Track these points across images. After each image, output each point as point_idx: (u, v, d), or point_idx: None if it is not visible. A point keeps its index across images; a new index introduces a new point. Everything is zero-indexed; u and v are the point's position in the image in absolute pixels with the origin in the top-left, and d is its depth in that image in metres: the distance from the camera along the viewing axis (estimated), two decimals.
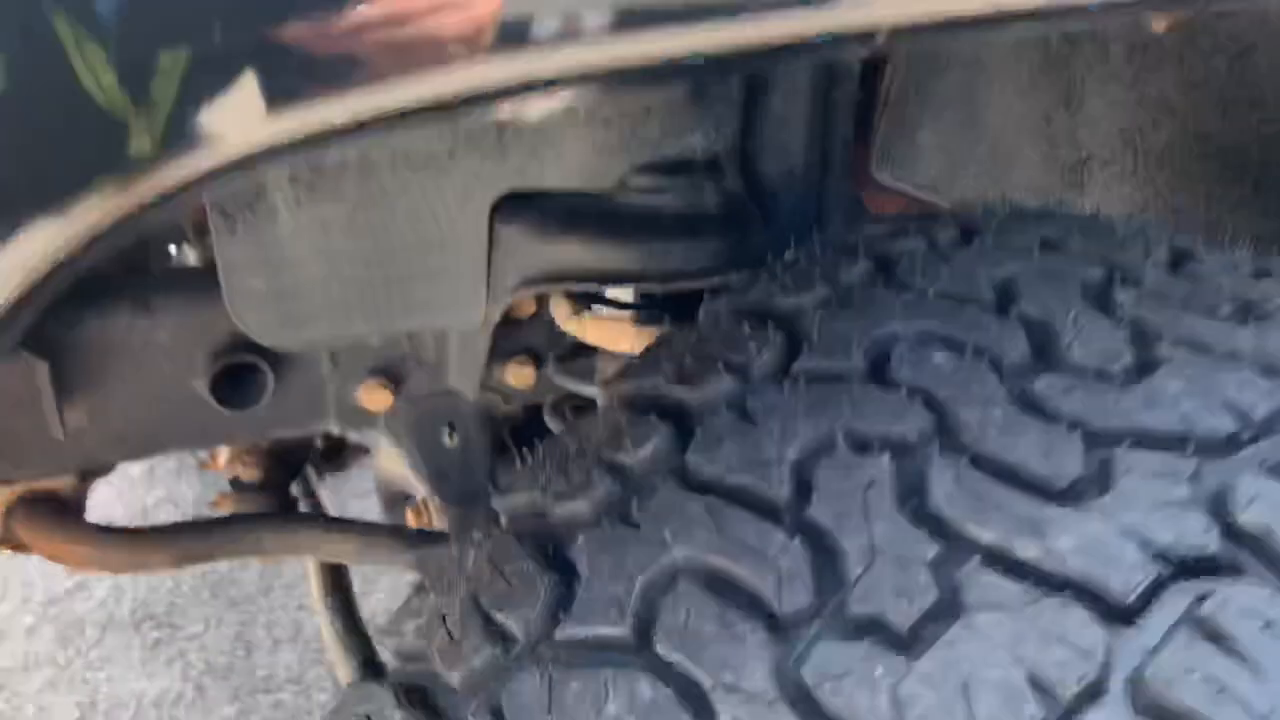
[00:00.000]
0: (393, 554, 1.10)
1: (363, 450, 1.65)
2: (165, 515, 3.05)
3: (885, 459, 0.63)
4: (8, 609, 2.82)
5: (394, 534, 1.12)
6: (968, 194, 1.41)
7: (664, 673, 0.59)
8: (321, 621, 1.32)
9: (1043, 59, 1.28)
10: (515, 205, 1.00)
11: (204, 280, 1.02)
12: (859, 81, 1.12)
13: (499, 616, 0.68)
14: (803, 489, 0.63)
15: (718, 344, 0.77)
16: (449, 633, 0.69)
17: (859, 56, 1.07)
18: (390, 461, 1.30)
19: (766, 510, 0.63)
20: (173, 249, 1.62)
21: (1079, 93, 1.25)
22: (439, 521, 1.26)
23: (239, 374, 1.06)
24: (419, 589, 0.79)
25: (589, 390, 1.17)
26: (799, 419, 0.67)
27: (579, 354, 1.22)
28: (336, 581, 1.37)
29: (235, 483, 1.30)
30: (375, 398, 1.14)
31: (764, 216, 1.03)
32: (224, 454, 1.33)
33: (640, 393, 0.77)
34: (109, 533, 1.06)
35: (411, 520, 1.39)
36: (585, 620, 0.64)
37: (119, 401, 1.04)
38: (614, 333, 1.03)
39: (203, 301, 1.03)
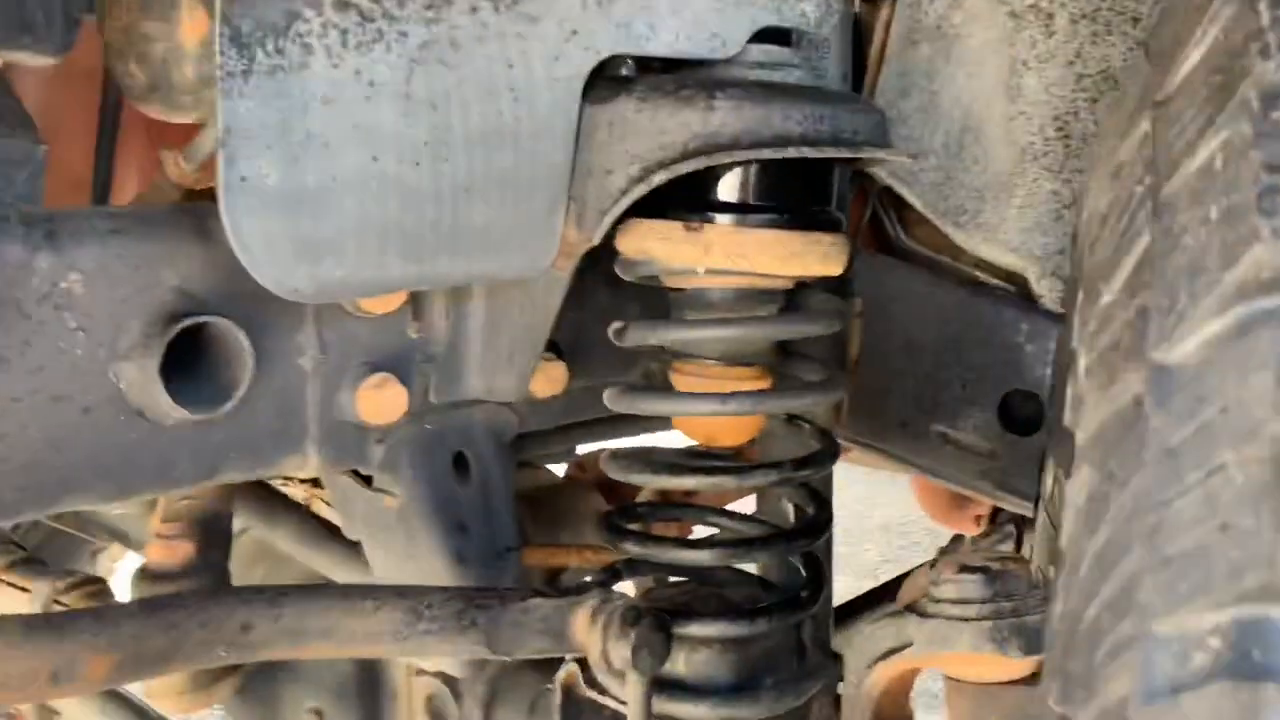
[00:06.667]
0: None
1: None
2: None
3: None
4: None
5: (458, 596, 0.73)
6: (927, 189, 1.28)
7: None
8: None
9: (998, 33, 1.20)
10: (614, 81, 0.74)
11: (142, 217, 0.66)
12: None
13: None
14: None
15: None
16: None
17: None
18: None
19: None
20: None
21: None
22: None
23: (195, 353, 0.67)
24: None
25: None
26: None
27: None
28: None
29: (144, 571, 0.81)
30: (383, 401, 0.77)
31: None
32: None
33: None
34: None
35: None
36: None
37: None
38: (756, 246, 0.76)
39: (143, 240, 0.66)
